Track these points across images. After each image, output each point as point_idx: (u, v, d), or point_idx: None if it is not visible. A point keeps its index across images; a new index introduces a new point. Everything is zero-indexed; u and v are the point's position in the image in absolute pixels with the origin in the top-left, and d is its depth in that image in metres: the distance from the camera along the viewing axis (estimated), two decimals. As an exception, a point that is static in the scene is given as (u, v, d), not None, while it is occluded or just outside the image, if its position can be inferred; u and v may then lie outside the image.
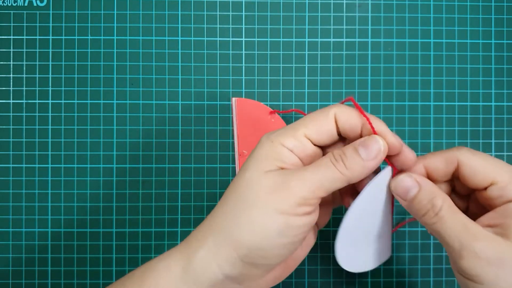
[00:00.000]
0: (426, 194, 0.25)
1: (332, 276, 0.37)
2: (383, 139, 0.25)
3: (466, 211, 0.28)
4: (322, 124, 0.25)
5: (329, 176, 0.24)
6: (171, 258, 0.25)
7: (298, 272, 0.37)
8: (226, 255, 0.24)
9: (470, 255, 0.23)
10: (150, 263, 0.26)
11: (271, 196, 0.23)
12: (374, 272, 0.37)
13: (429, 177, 0.27)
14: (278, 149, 0.24)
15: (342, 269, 0.37)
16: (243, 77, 0.38)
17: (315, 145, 0.25)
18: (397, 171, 0.27)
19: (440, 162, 0.26)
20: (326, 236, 0.38)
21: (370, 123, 0.25)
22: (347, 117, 0.25)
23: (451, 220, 0.24)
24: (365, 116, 0.25)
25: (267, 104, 0.37)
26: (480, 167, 0.25)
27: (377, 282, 0.37)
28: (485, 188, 0.25)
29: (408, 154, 0.26)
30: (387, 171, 0.26)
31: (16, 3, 0.38)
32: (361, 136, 0.25)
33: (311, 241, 0.28)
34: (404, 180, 0.25)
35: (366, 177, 0.26)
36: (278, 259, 0.24)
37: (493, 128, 0.38)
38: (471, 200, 0.28)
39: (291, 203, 0.23)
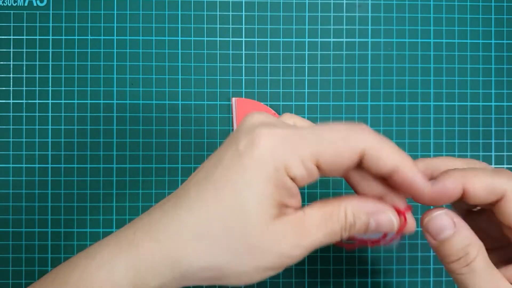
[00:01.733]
0: (462, 239, 0.21)
1: (332, 276, 0.37)
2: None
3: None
4: (342, 158, 0.20)
5: (330, 241, 0.22)
6: (116, 269, 0.21)
7: (298, 272, 0.37)
8: (193, 284, 0.21)
9: None
10: (84, 269, 0.21)
11: (270, 258, 0.20)
12: (374, 272, 0.38)
13: (463, 198, 0.22)
14: (283, 183, 0.20)
15: (342, 269, 0.37)
16: (243, 77, 0.38)
17: (321, 172, 0.21)
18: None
19: (484, 191, 0.20)
20: (326, 236, 0.38)
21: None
22: (378, 162, 0.20)
23: (483, 276, 0.21)
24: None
25: (267, 104, 0.37)
26: None
27: (377, 282, 0.37)
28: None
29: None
30: None
31: (16, 3, 0.38)
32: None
33: None
34: (440, 218, 0.21)
35: None
36: None
37: (493, 128, 0.38)
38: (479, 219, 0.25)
39: (286, 266, 0.21)
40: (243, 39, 0.38)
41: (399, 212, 0.22)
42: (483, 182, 0.20)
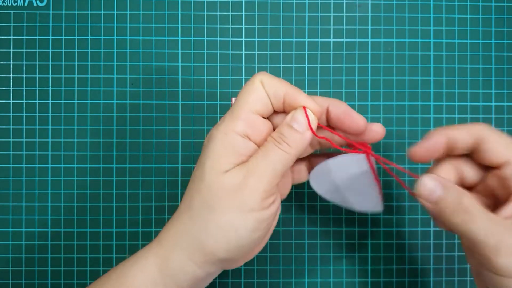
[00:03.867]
0: (453, 193, 0.24)
1: (332, 276, 0.37)
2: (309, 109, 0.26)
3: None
4: (258, 94, 0.25)
5: (279, 159, 0.25)
6: (145, 261, 0.25)
7: (298, 272, 0.37)
8: (205, 258, 0.25)
9: (507, 249, 0.22)
10: (124, 266, 0.26)
11: (235, 199, 0.24)
12: (374, 272, 0.38)
13: (449, 149, 0.26)
14: (232, 140, 0.24)
15: (342, 269, 0.37)
16: (243, 77, 0.38)
17: (262, 115, 0.26)
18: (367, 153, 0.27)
19: (465, 134, 0.25)
20: (326, 236, 0.38)
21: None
22: (271, 84, 0.25)
23: (482, 216, 0.23)
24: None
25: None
26: (499, 143, 0.25)
27: (377, 282, 0.37)
28: (499, 167, 0.25)
29: (356, 120, 0.26)
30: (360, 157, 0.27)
31: (16, 3, 0.38)
32: (284, 108, 0.26)
33: (278, 210, 0.28)
34: (427, 183, 0.24)
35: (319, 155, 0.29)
36: (255, 246, 0.26)
37: (493, 128, 0.38)
38: (477, 189, 0.28)
39: (256, 200, 0.24)
40: (243, 39, 0.38)
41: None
42: (461, 129, 0.26)
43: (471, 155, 0.27)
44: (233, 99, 0.37)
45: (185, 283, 0.25)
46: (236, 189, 0.24)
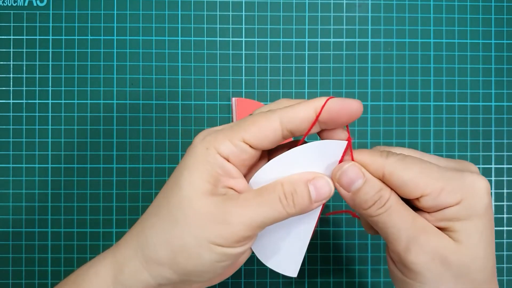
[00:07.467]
0: (373, 186, 0.23)
1: (332, 276, 0.37)
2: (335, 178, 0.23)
3: None
4: (263, 129, 0.22)
5: (274, 216, 0.22)
6: (101, 265, 0.24)
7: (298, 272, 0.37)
8: (160, 271, 0.23)
9: (417, 248, 0.22)
10: (81, 269, 0.25)
11: (208, 228, 0.22)
12: (374, 272, 0.38)
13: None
14: (213, 159, 0.22)
15: (342, 269, 0.37)
16: (243, 77, 0.38)
17: (253, 148, 0.23)
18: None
19: (371, 167, 0.23)
20: (326, 236, 0.38)
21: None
22: (295, 125, 0.23)
23: (399, 211, 0.22)
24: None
25: (267, 104, 0.37)
26: (408, 179, 0.22)
27: (377, 282, 0.37)
28: (417, 198, 0.23)
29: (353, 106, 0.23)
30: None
31: (16, 3, 0.38)
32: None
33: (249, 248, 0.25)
34: (350, 171, 0.23)
35: None
36: (214, 276, 0.24)
37: (493, 128, 0.38)
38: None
39: (230, 240, 0.22)
40: (243, 39, 0.38)
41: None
42: (367, 159, 0.23)
43: None
44: (233, 99, 0.37)
45: None
46: (212, 221, 0.22)
